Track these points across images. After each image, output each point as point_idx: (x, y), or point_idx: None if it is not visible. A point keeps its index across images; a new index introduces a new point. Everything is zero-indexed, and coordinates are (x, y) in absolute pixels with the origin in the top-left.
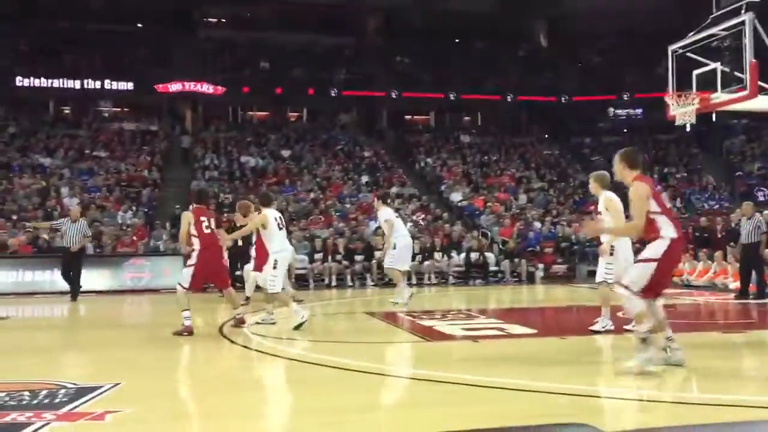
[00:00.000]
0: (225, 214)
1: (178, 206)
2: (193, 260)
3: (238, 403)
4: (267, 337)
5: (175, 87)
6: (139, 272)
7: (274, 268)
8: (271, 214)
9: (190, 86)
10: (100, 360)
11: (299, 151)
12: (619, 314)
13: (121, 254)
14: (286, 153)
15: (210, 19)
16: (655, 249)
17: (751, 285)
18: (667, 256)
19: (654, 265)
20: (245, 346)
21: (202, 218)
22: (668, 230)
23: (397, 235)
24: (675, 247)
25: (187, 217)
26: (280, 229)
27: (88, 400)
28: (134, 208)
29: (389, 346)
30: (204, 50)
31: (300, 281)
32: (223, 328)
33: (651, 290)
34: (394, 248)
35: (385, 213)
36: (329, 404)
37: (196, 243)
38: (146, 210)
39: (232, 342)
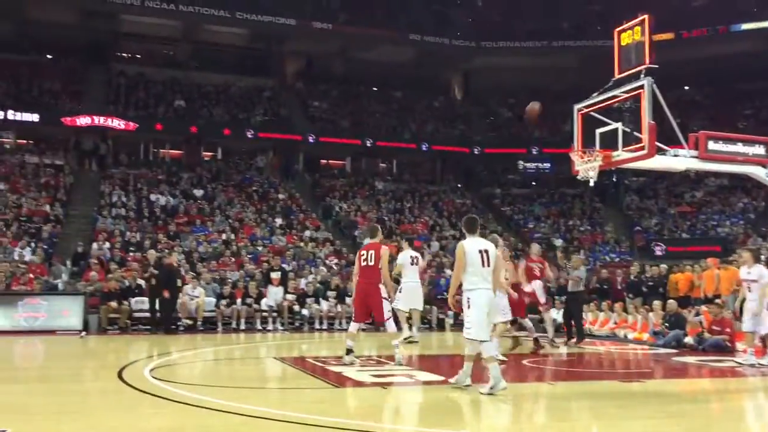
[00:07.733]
0: (131, 254)
1: (80, 243)
2: None
3: None
4: (171, 382)
5: (83, 120)
6: (35, 312)
7: None
8: None
9: (100, 120)
10: None
11: (212, 191)
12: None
13: (15, 293)
14: (198, 192)
15: (124, 54)
16: None
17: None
18: None
19: None
20: (144, 391)
21: None
22: None
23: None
24: None
25: None
26: None
27: None
28: (33, 244)
29: (298, 392)
30: (117, 85)
31: (208, 324)
32: (122, 372)
33: None
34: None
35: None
36: None
37: None
38: (46, 247)
39: (132, 386)
